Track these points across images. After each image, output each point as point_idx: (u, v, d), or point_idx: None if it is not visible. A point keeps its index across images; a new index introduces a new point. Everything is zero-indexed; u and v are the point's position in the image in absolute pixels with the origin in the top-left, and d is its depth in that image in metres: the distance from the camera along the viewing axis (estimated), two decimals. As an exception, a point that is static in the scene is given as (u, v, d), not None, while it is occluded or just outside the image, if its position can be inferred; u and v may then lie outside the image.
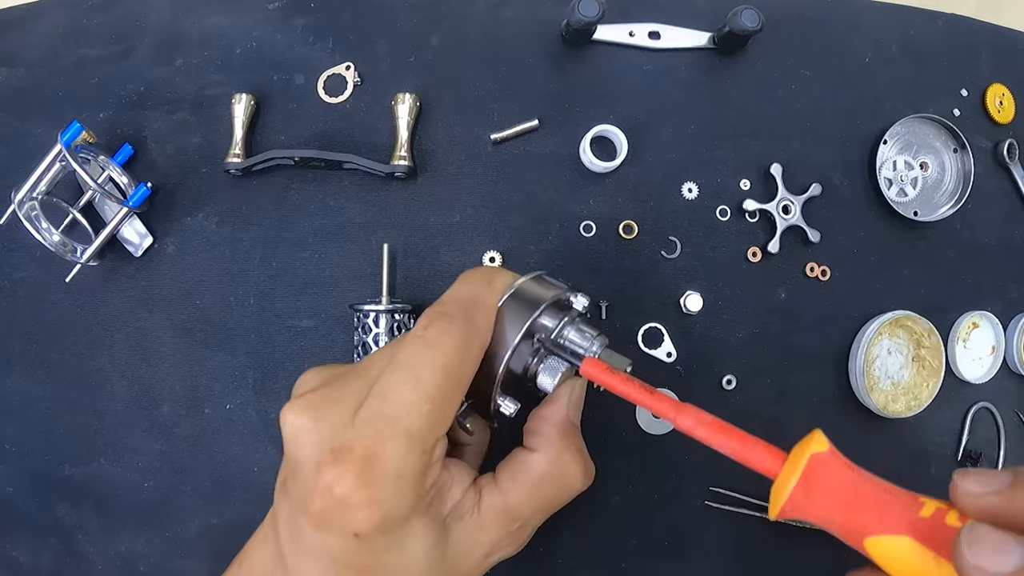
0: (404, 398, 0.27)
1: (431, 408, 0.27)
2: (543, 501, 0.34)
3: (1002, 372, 0.56)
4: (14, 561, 0.48)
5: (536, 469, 0.34)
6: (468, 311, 0.31)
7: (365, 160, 0.47)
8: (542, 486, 0.34)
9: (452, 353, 0.29)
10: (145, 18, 0.51)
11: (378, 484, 0.26)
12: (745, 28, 0.48)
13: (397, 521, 0.27)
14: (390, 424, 0.27)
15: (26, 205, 0.45)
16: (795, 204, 0.51)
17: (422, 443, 0.27)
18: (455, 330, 0.30)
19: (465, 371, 0.30)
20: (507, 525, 0.33)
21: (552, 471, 0.35)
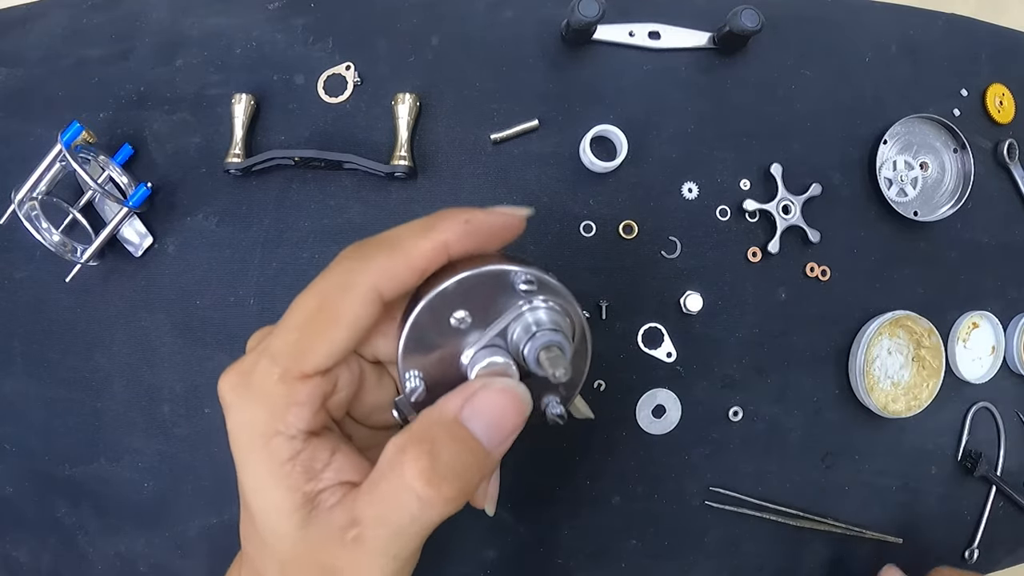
0: (282, 326, 0.27)
1: (297, 336, 0.27)
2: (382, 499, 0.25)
3: (1002, 372, 0.56)
4: (14, 561, 0.48)
5: (384, 456, 0.26)
6: (372, 246, 0.28)
7: (365, 160, 0.47)
8: (380, 475, 0.26)
9: (328, 288, 0.27)
10: (145, 18, 0.51)
11: (242, 396, 0.28)
12: (745, 28, 0.48)
13: (242, 426, 0.28)
14: (264, 347, 0.28)
15: (26, 205, 0.45)
16: (795, 204, 0.51)
17: (282, 368, 0.27)
18: (342, 265, 0.27)
19: (344, 306, 0.26)
20: (343, 528, 0.25)
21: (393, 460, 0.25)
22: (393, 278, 0.27)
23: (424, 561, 0.46)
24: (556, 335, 0.27)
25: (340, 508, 0.26)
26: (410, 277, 0.27)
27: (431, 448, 0.25)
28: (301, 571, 0.27)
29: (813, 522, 0.52)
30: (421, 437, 0.25)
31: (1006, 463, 0.56)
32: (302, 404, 0.27)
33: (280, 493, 0.27)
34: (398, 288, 0.27)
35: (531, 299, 0.28)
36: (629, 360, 0.50)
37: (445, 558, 0.48)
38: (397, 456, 0.25)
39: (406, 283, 0.27)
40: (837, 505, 0.53)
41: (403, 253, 0.27)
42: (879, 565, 0.53)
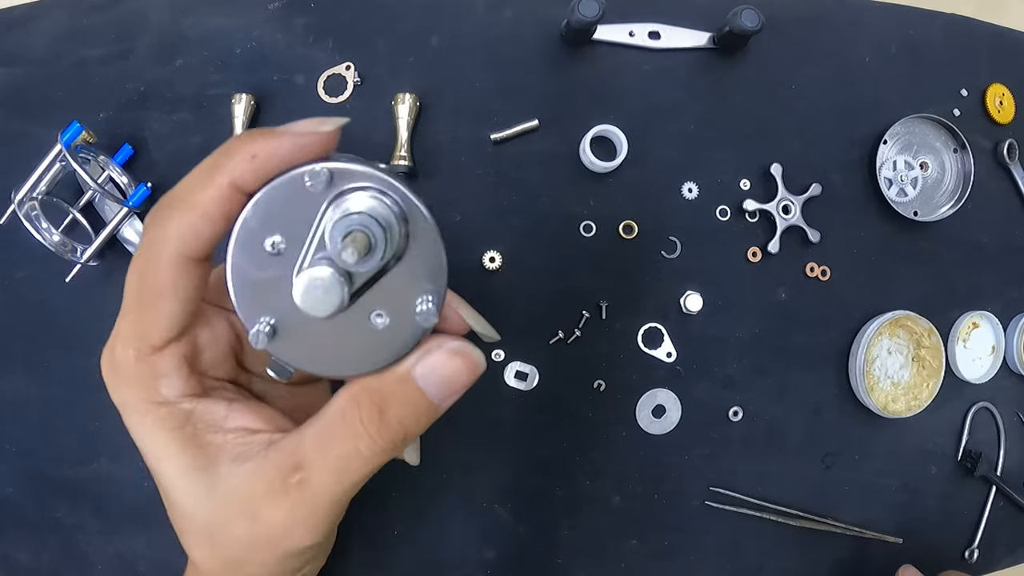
0: (122, 309, 0.28)
1: (133, 317, 0.27)
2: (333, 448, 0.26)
3: (1002, 372, 0.56)
4: (14, 561, 0.48)
5: (333, 405, 0.27)
6: (165, 207, 0.26)
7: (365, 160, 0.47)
8: (332, 426, 0.26)
9: (141, 264, 0.27)
10: (145, 18, 0.51)
11: (111, 377, 0.28)
12: (745, 28, 0.48)
13: (134, 414, 0.28)
14: (116, 332, 0.28)
15: (26, 205, 0.45)
16: (795, 204, 0.51)
17: (133, 348, 0.27)
18: (146, 237, 0.27)
19: (159, 279, 0.26)
20: (285, 472, 0.26)
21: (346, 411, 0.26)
22: (195, 236, 0.25)
23: (425, 561, 0.46)
24: (357, 218, 0.24)
25: (276, 453, 0.26)
26: (212, 228, 0.25)
27: (383, 400, 0.26)
28: (232, 528, 0.27)
29: (813, 522, 0.52)
30: (375, 388, 0.26)
31: (1006, 463, 0.56)
32: (167, 375, 0.27)
33: (187, 453, 0.27)
34: (206, 243, 0.26)
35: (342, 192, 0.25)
36: (629, 360, 0.50)
37: (445, 558, 0.48)
38: (350, 405, 0.26)
39: (212, 235, 0.26)
40: (837, 505, 0.53)
41: (193, 208, 0.25)
42: (879, 565, 0.53)
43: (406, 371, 0.26)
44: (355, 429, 0.26)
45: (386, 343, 0.26)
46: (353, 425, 0.26)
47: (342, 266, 0.23)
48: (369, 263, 0.23)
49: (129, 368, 0.27)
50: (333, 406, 0.26)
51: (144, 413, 0.28)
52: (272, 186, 0.25)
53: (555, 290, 0.50)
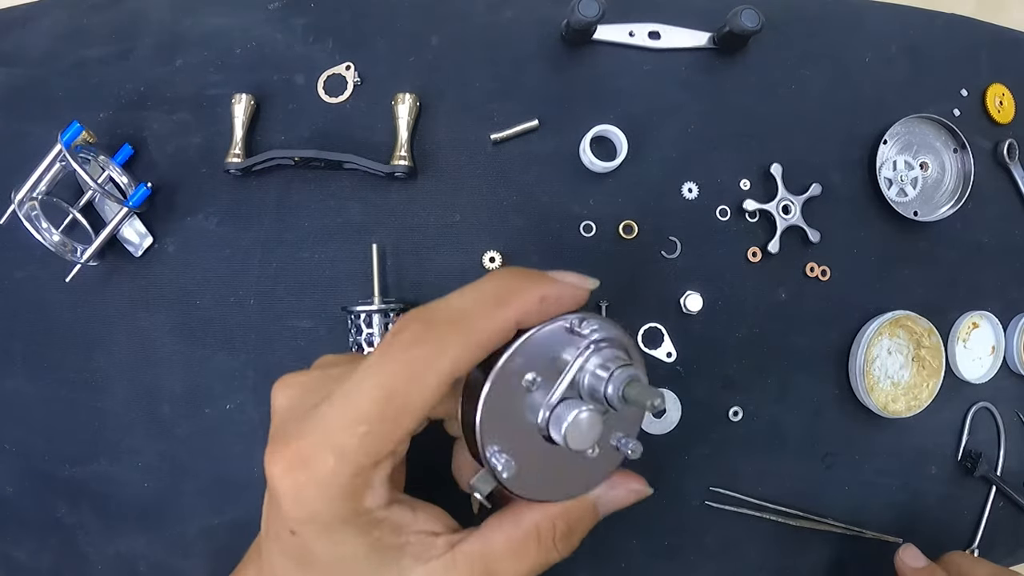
0: (344, 413, 0.26)
1: (367, 431, 0.26)
2: (527, 560, 0.30)
3: (1002, 372, 0.56)
4: (14, 561, 0.48)
5: (527, 521, 0.30)
6: (444, 329, 0.26)
7: (365, 160, 0.47)
8: (528, 541, 0.30)
9: (398, 378, 0.26)
10: (145, 18, 0.51)
11: (304, 487, 0.26)
12: (745, 28, 0.48)
13: (325, 526, 0.27)
14: (324, 435, 0.26)
15: (26, 205, 0.45)
16: (795, 204, 0.51)
17: (353, 464, 0.26)
18: (411, 352, 0.26)
19: (415, 398, 0.26)
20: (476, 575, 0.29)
21: (542, 531, 0.30)
22: (467, 362, 0.27)
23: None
24: (631, 368, 0.27)
25: (466, 558, 0.29)
26: (480, 357, 0.27)
27: (576, 524, 0.31)
28: None
29: (813, 522, 0.52)
30: (570, 515, 0.31)
31: (1006, 463, 0.56)
32: (375, 487, 0.28)
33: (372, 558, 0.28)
34: (469, 368, 0.27)
35: (591, 342, 0.28)
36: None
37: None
38: (547, 526, 0.30)
39: (477, 361, 0.27)
40: (837, 505, 0.53)
41: (476, 335, 0.26)
42: (879, 565, 0.53)
43: (594, 501, 0.31)
44: (548, 546, 0.30)
45: (590, 474, 0.31)
46: (547, 543, 0.30)
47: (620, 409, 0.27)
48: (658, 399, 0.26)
49: (341, 483, 0.26)
50: (527, 523, 0.30)
51: (339, 524, 0.27)
52: (546, 328, 0.28)
53: (555, 290, 0.50)
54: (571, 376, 0.28)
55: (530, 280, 0.28)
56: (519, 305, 0.27)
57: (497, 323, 0.27)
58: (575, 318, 0.28)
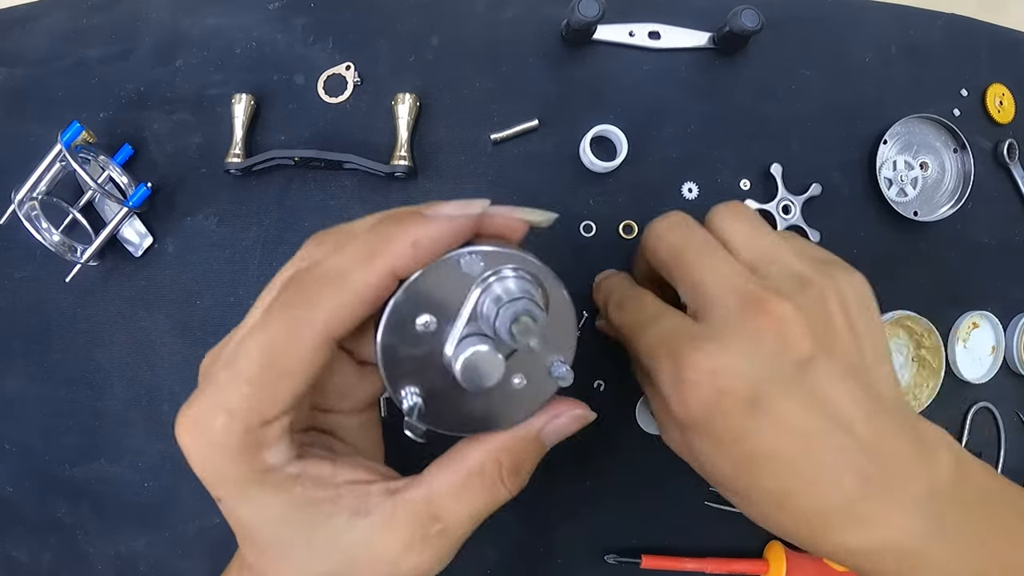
0: (229, 375, 0.26)
1: (249, 390, 0.26)
2: (472, 500, 0.29)
3: (1002, 372, 0.56)
4: (14, 561, 0.48)
5: (470, 459, 0.29)
6: (318, 288, 0.26)
7: (365, 160, 0.47)
8: (472, 480, 0.29)
9: (276, 341, 0.26)
10: (145, 18, 0.51)
11: (204, 448, 0.27)
12: (745, 28, 0.48)
13: (236, 488, 0.27)
14: (215, 395, 0.27)
15: (26, 205, 0.45)
16: (795, 204, 0.51)
17: (242, 422, 0.26)
18: (287, 314, 0.26)
19: (294, 361, 0.26)
20: (424, 524, 0.28)
21: (486, 467, 0.29)
22: (344, 318, 0.26)
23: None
24: (522, 303, 0.26)
25: (409, 505, 0.28)
26: (364, 311, 0.27)
27: (521, 458, 0.30)
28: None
29: (813, 522, 0.52)
30: (513, 448, 0.30)
31: (1006, 463, 0.56)
32: (275, 443, 0.27)
33: (300, 516, 0.27)
34: (351, 325, 0.27)
35: (491, 275, 0.27)
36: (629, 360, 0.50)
37: (445, 558, 0.48)
38: (491, 463, 0.29)
39: (361, 317, 0.27)
40: (837, 505, 0.53)
41: (351, 290, 0.26)
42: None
43: (538, 432, 0.30)
44: (495, 483, 0.29)
45: (523, 403, 0.30)
46: (493, 480, 0.29)
47: (515, 346, 0.26)
48: (535, 340, 0.25)
49: (235, 442, 0.26)
50: (470, 461, 0.29)
51: (249, 484, 0.27)
52: (427, 270, 0.27)
53: (555, 290, 0.50)
54: (466, 313, 0.27)
55: (401, 224, 0.27)
56: (390, 254, 0.26)
57: (370, 277, 0.26)
58: (466, 251, 0.27)
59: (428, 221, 0.27)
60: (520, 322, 0.25)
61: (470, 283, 0.27)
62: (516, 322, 0.25)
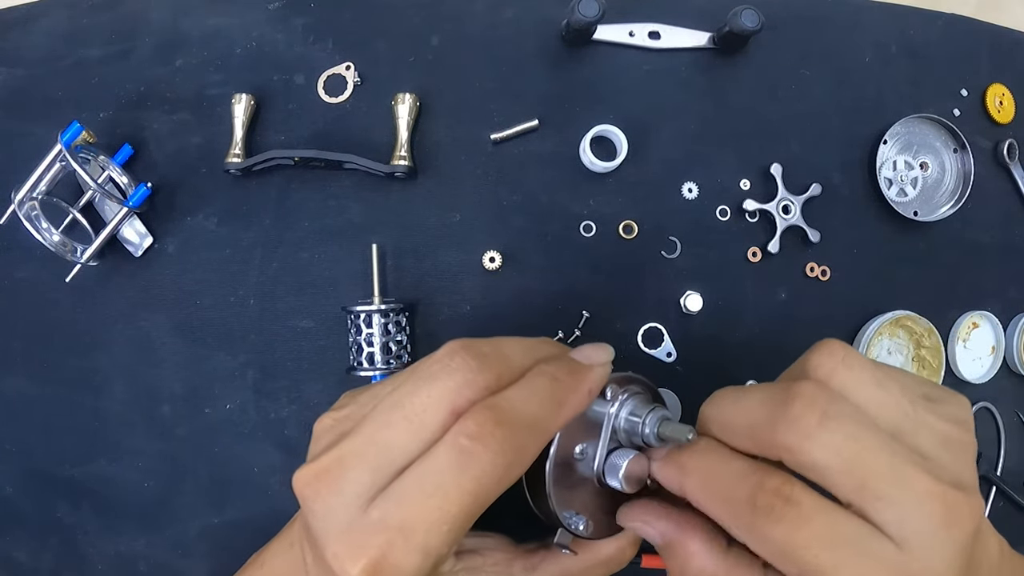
0: (425, 515, 0.26)
1: (451, 529, 0.26)
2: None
3: (1002, 372, 0.56)
4: (14, 561, 0.48)
5: (604, 552, 0.34)
6: (524, 438, 0.27)
7: (365, 160, 0.47)
8: (598, 567, 0.34)
9: (487, 483, 0.26)
10: (145, 18, 0.51)
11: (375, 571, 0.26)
12: (745, 28, 0.48)
13: None
14: (404, 536, 0.26)
15: (26, 205, 0.45)
16: (795, 204, 0.51)
17: (436, 557, 0.26)
18: (500, 458, 0.26)
19: (495, 493, 0.27)
20: None
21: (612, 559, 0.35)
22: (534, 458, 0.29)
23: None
24: (660, 410, 0.31)
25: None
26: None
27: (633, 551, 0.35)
28: None
29: (813, 522, 0.52)
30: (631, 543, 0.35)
31: (1006, 463, 0.56)
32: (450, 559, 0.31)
33: None
34: None
35: (617, 397, 0.32)
36: (629, 360, 0.50)
37: (445, 558, 0.48)
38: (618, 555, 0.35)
39: None
40: (837, 505, 0.53)
41: (546, 435, 0.29)
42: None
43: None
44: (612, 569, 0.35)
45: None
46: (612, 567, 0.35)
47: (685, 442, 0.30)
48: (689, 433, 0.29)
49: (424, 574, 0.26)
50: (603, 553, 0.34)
51: None
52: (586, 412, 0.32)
53: (555, 290, 0.50)
54: (609, 429, 0.32)
55: (577, 379, 0.30)
56: (575, 403, 0.30)
57: (560, 423, 0.29)
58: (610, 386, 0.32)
59: (594, 370, 0.31)
60: (666, 424, 0.30)
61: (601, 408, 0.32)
62: (663, 424, 0.30)
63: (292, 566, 0.34)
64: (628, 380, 0.33)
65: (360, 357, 0.46)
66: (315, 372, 0.48)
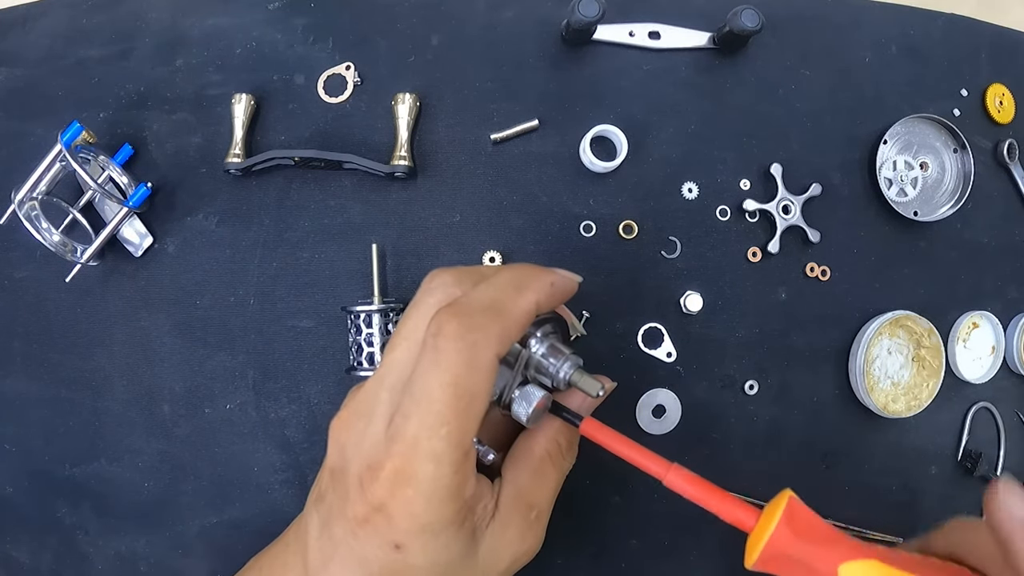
0: (423, 421, 0.28)
1: (449, 429, 0.27)
2: (549, 481, 0.35)
3: (1002, 372, 0.56)
4: (14, 561, 0.48)
5: (538, 449, 0.35)
6: (482, 319, 0.29)
7: (365, 160, 0.47)
8: (545, 464, 0.35)
9: (459, 370, 0.28)
10: (145, 18, 0.51)
11: (414, 500, 0.28)
12: (745, 28, 0.48)
13: (434, 533, 0.29)
14: (413, 446, 0.28)
15: (26, 205, 0.45)
16: (795, 204, 0.51)
17: (450, 463, 0.28)
18: (461, 343, 0.28)
19: (477, 383, 0.28)
20: (525, 515, 0.33)
21: (551, 451, 0.35)
22: (505, 342, 0.30)
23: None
24: (575, 357, 0.33)
25: (514, 504, 0.33)
26: (516, 335, 0.31)
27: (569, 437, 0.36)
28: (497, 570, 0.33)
29: (813, 522, 0.52)
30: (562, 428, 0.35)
31: (1006, 463, 0.56)
32: (472, 475, 0.30)
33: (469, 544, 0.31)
34: (508, 348, 0.31)
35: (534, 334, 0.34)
36: (629, 360, 0.50)
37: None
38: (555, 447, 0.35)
39: (513, 341, 0.31)
40: (837, 505, 0.53)
41: (510, 318, 0.30)
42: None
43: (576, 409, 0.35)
44: (560, 460, 0.35)
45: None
46: (558, 458, 0.35)
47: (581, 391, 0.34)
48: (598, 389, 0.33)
49: (444, 485, 0.28)
50: (538, 450, 0.35)
51: (452, 526, 0.29)
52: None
53: (555, 290, 0.50)
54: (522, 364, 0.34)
55: (538, 270, 0.33)
56: (537, 288, 0.31)
57: (523, 305, 0.31)
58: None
59: (556, 272, 0.33)
60: (580, 373, 0.33)
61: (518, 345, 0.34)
62: (577, 372, 0.33)
63: (291, 565, 0.34)
64: (545, 320, 0.35)
65: (360, 357, 0.46)
66: (315, 372, 0.48)
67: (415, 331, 0.31)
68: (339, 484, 0.31)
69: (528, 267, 0.33)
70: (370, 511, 0.28)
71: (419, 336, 0.30)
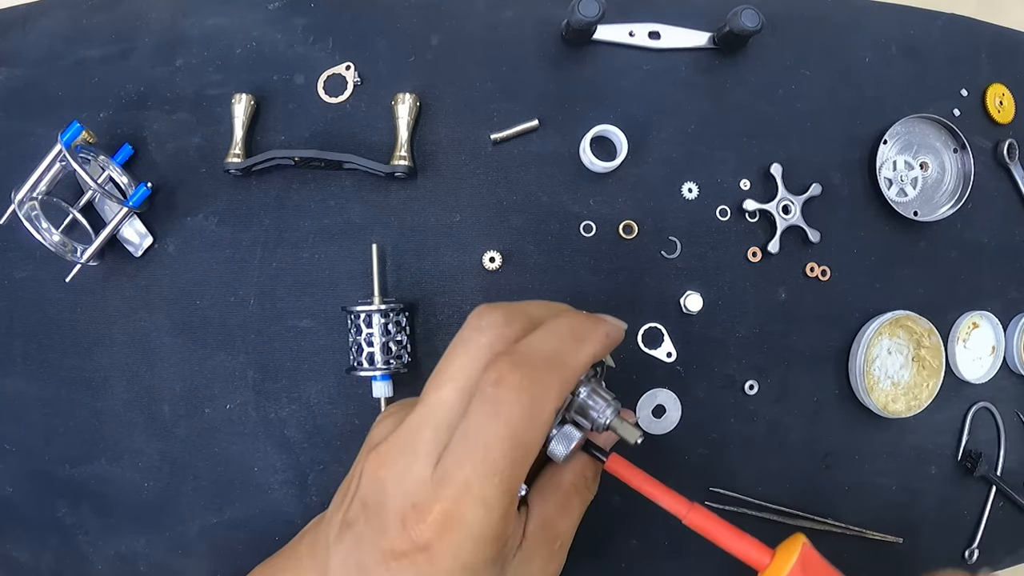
0: (476, 469, 0.28)
1: (501, 479, 0.28)
2: (573, 512, 0.35)
3: (1002, 372, 0.56)
4: (14, 561, 0.48)
5: (566, 482, 0.35)
6: (544, 373, 0.29)
7: (365, 160, 0.47)
8: (571, 496, 0.35)
9: (518, 423, 0.28)
10: (145, 18, 0.51)
11: (459, 543, 0.28)
12: (745, 28, 0.48)
13: (474, 572, 0.29)
14: (465, 491, 0.28)
15: (26, 205, 0.45)
16: (795, 204, 0.51)
17: (499, 510, 0.28)
18: (524, 396, 0.28)
19: (535, 436, 0.28)
20: (549, 545, 0.33)
21: (577, 484, 0.35)
22: (564, 396, 0.30)
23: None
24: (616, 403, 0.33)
25: (540, 535, 0.33)
26: (572, 387, 0.31)
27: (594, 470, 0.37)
28: None
29: (813, 522, 0.52)
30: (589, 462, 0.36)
31: (1006, 463, 0.56)
32: (514, 518, 0.31)
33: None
34: (564, 403, 0.31)
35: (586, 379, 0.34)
36: (629, 360, 0.50)
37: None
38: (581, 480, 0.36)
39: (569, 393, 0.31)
40: (837, 505, 0.53)
41: (570, 372, 0.30)
42: (879, 565, 0.53)
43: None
44: (584, 492, 0.36)
45: None
46: (583, 491, 0.36)
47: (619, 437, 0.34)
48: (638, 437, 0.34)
49: (492, 531, 0.28)
50: (566, 484, 0.35)
51: (485, 567, 0.29)
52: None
53: (555, 290, 0.50)
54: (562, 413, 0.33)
55: (594, 320, 0.33)
56: (595, 340, 0.32)
57: (583, 359, 0.31)
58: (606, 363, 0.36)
59: (608, 321, 0.34)
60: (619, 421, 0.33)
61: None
62: (616, 419, 0.33)
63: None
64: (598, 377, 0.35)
65: (360, 357, 0.46)
66: (315, 372, 0.48)
67: (463, 372, 0.30)
68: (374, 517, 0.30)
69: (582, 316, 0.33)
70: (412, 549, 0.28)
71: (469, 377, 0.29)
